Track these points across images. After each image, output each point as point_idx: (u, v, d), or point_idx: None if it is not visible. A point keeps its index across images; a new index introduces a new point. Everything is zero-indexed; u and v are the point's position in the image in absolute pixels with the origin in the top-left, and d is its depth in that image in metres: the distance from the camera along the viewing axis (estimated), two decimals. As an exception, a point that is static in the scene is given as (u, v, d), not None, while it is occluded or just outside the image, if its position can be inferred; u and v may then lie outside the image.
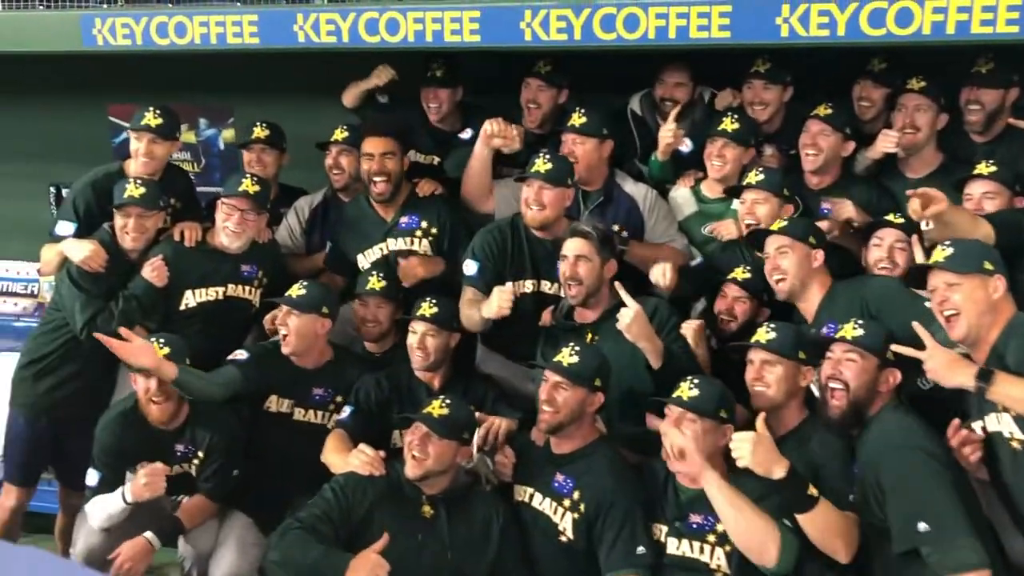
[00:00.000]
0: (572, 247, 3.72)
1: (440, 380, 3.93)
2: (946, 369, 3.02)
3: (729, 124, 4.15)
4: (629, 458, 3.55)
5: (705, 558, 3.22)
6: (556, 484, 3.43)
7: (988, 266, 3.07)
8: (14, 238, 5.46)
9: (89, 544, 3.87)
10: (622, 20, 3.92)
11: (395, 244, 4.36)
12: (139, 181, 4.17)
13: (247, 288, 4.33)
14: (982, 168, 3.74)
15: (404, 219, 4.36)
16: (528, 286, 4.04)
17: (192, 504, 3.93)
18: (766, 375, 3.38)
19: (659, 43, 3.91)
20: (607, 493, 3.34)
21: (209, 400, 3.86)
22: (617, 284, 3.66)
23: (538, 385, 3.53)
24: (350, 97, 4.71)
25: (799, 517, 3.03)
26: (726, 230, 4.11)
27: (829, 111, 4.03)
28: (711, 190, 4.26)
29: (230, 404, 3.95)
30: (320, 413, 4.03)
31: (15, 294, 5.71)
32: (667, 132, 4.24)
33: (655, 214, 4.24)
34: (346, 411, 3.87)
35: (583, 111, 4.17)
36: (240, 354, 3.99)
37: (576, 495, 3.39)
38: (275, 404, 4.00)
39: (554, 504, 3.42)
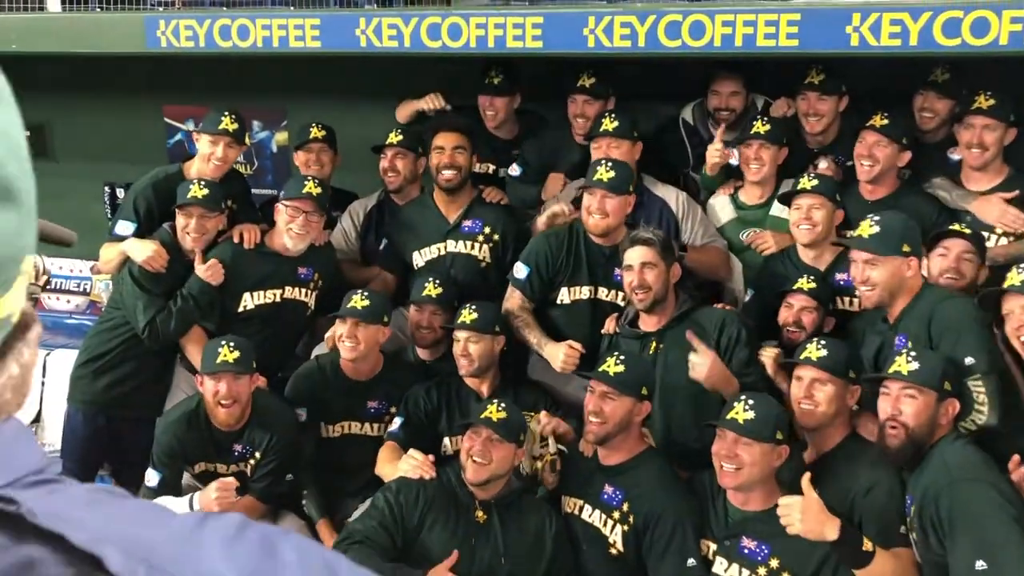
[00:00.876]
0: (637, 255, 3.69)
1: (489, 387, 3.93)
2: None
3: (760, 126, 4.13)
4: (681, 472, 3.53)
5: None
6: (605, 496, 3.41)
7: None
8: (66, 237, 5.49)
9: None
10: (688, 27, 3.89)
11: (455, 246, 4.36)
12: (202, 183, 4.19)
13: (303, 291, 4.35)
14: None
15: (468, 222, 4.37)
16: (585, 292, 4.03)
17: (242, 504, 3.94)
18: (816, 394, 3.30)
19: (725, 51, 3.89)
20: (656, 505, 3.33)
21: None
22: (688, 333, 3.60)
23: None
24: (403, 114, 4.73)
25: (858, 573, 2.98)
26: (764, 243, 4.08)
27: (885, 121, 3.97)
28: (749, 196, 4.25)
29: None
30: (375, 426, 4.07)
31: (69, 291, 5.78)
32: (714, 152, 4.24)
33: (690, 217, 4.23)
34: (396, 423, 3.89)
35: (613, 115, 4.17)
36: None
37: (625, 507, 3.37)
38: (327, 431, 4.09)
39: (603, 516, 3.40)
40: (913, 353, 3.12)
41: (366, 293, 4.04)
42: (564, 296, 4.04)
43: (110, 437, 4.35)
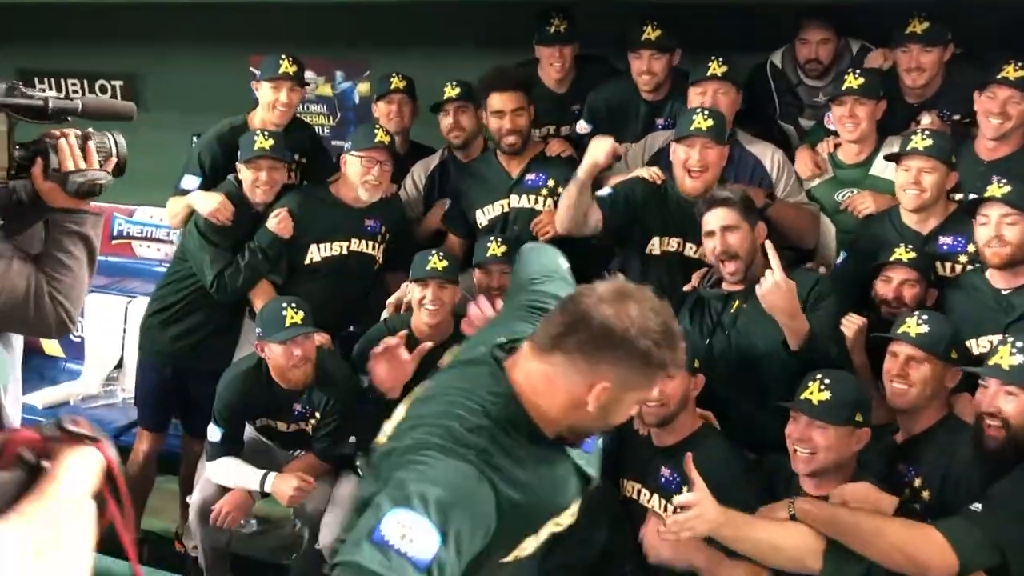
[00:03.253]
0: (717, 219, 3.42)
1: None
2: None
3: (853, 80, 3.76)
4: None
5: None
6: (663, 479, 3.17)
7: None
8: (157, 186, 5.55)
9: (205, 495, 3.91)
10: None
11: (518, 201, 4.19)
12: (267, 133, 4.13)
13: (371, 243, 4.25)
14: None
15: (530, 176, 4.19)
16: (673, 244, 3.82)
17: (302, 462, 3.90)
18: (912, 373, 3.01)
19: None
20: (718, 489, 3.08)
21: None
22: (768, 244, 3.28)
23: None
24: None
25: None
26: (863, 204, 3.74)
27: (1021, 73, 3.55)
28: (846, 155, 3.89)
29: None
30: None
31: (158, 239, 5.86)
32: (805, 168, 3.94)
33: (784, 175, 3.92)
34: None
35: (721, 59, 3.89)
36: None
37: (684, 490, 3.13)
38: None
39: (663, 501, 3.16)
40: (1019, 345, 2.79)
41: (442, 253, 3.91)
42: (655, 246, 3.83)
43: (178, 388, 4.37)
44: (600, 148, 3.58)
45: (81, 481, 0.77)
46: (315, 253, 4.20)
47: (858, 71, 3.84)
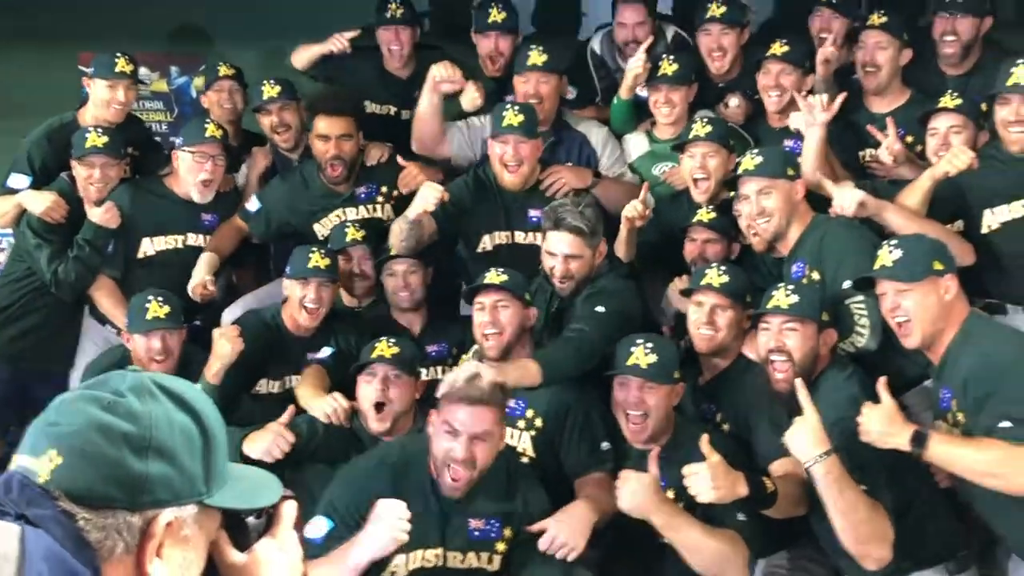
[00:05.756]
0: (562, 244, 3.48)
1: (420, 324, 3.90)
2: (880, 433, 2.74)
3: (668, 67, 4.01)
4: None
5: None
6: (507, 410, 3.23)
7: (938, 266, 2.86)
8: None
9: None
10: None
11: (356, 214, 4.20)
12: (99, 130, 4.09)
13: (208, 238, 4.25)
14: (947, 101, 3.59)
15: (361, 189, 4.21)
16: (503, 238, 3.96)
17: None
18: (717, 319, 3.27)
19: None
20: (561, 401, 3.27)
21: None
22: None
23: None
24: (302, 60, 4.52)
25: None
26: (679, 179, 3.97)
27: (786, 48, 3.90)
28: (662, 132, 4.15)
29: None
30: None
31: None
32: (637, 62, 4.07)
33: (608, 150, 4.14)
34: (326, 352, 3.81)
35: (542, 47, 4.04)
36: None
37: (530, 413, 3.31)
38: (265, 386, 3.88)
39: (509, 431, 3.28)
40: (791, 287, 3.09)
41: (324, 251, 3.88)
42: (486, 243, 3.97)
43: (17, 391, 4.29)
44: (430, 194, 3.64)
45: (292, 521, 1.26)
46: (148, 247, 4.18)
47: (672, 57, 4.07)
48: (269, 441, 3.18)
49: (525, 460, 3.28)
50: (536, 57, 4.02)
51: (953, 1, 3.92)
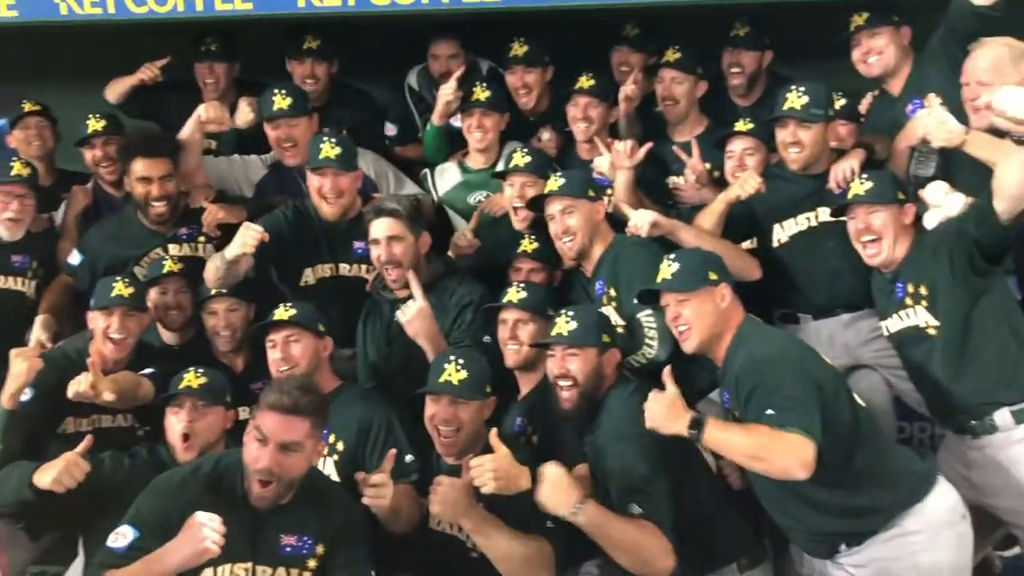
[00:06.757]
0: (382, 228, 3.63)
1: (243, 361, 3.87)
2: (663, 419, 2.87)
3: (480, 93, 4.16)
4: None
5: None
6: None
7: (713, 276, 3.05)
8: None
9: None
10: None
11: (177, 250, 4.13)
12: None
13: (20, 279, 4.13)
14: (740, 125, 3.86)
15: (183, 230, 4.16)
16: (326, 271, 3.97)
17: None
18: (520, 334, 3.40)
19: (433, 8, 4.00)
20: (361, 419, 3.31)
21: None
22: (410, 273, 3.58)
23: None
24: (115, 93, 4.47)
25: None
26: (498, 205, 4.08)
27: (592, 82, 4.10)
28: (474, 161, 4.27)
29: None
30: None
31: None
32: (448, 90, 4.20)
33: (387, 179, 4.22)
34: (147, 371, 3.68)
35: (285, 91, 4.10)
36: None
37: (331, 438, 3.32)
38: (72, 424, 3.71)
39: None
40: (571, 313, 3.23)
41: (128, 279, 3.78)
42: (308, 276, 3.96)
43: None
44: (249, 235, 3.62)
45: None
46: (-41, 291, 4.03)
47: (485, 84, 4.23)
48: (59, 469, 3.08)
49: None
50: (280, 101, 4.06)
51: (736, 36, 4.24)
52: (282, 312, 3.45)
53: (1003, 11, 3.51)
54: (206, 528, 2.67)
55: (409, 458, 3.27)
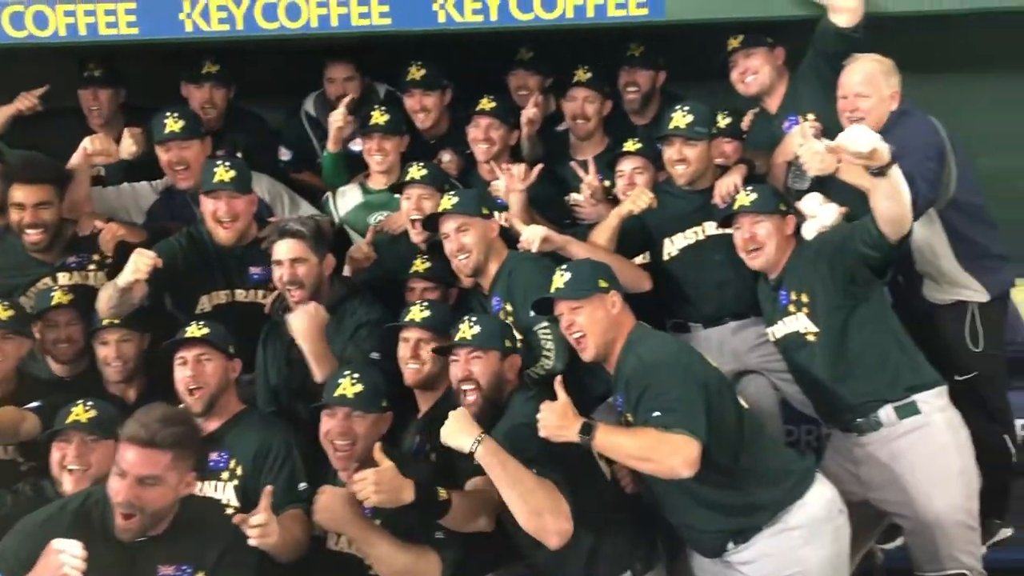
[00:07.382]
0: (285, 249, 3.62)
1: (136, 392, 3.75)
2: (555, 427, 2.91)
3: (379, 117, 4.19)
4: None
5: None
6: (211, 464, 3.27)
7: (603, 284, 3.16)
8: None
9: None
10: (284, 9, 3.94)
11: (67, 279, 4.02)
12: None
13: None
14: (629, 145, 3.97)
15: (72, 258, 4.05)
16: (222, 297, 3.92)
17: None
18: (421, 352, 3.42)
19: (322, 31, 3.98)
20: (260, 443, 3.30)
21: None
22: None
23: None
24: None
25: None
26: (396, 224, 4.10)
27: (493, 104, 4.18)
28: (375, 182, 4.29)
29: None
30: None
31: None
32: (338, 116, 4.23)
33: (282, 201, 4.20)
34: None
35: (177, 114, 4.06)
36: None
37: (232, 463, 3.30)
38: None
39: (214, 484, 3.28)
40: (474, 319, 3.29)
41: (8, 303, 3.70)
42: (204, 304, 3.91)
43: None
44: (142, 262, 3.56)
45: None
46: None
47: (384, 108, 4.26)
48: None
49: (230, 511, 3.19)
50: (172, 124, 4.02)
51: (632, 56, 4.36)
52: (195, 330, 3.40)
53: (863, 33, 3.72)
54: (64, 555, 2.56)
55: (303, 486, 3.24)
